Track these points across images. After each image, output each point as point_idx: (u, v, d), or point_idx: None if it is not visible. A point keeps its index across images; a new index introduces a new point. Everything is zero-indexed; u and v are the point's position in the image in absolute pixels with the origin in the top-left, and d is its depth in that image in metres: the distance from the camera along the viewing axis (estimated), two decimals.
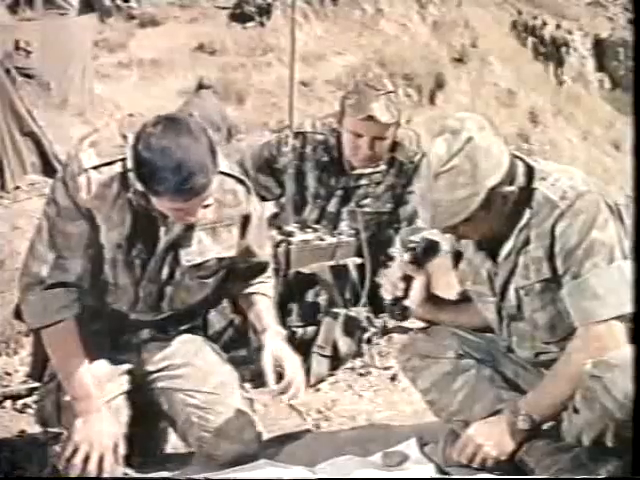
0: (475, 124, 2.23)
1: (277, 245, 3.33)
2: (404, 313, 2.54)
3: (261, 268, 2.68)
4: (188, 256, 2.45)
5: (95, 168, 2.33)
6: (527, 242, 2.29)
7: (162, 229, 2.40)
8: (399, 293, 2.51)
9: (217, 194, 2.38)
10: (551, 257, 2.25)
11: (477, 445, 2.30)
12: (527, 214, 2.27)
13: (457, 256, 2.49)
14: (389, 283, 2.53)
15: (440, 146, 2.22)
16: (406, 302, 2.51)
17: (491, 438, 2.30)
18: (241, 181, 2.52)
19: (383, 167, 3.61)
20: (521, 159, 2.33)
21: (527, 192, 2.27)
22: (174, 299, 2.52)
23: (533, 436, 2.30)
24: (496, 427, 2.32)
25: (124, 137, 2.36)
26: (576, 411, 2.20)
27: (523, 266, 2.31)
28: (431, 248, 2.53)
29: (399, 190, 3.60)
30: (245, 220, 2.53)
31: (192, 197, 2.22)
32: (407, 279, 2.51)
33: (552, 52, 16.13)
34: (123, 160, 2.33)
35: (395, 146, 3.62)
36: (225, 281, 2.62)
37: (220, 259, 2.51)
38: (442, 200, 2.21)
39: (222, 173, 2.39)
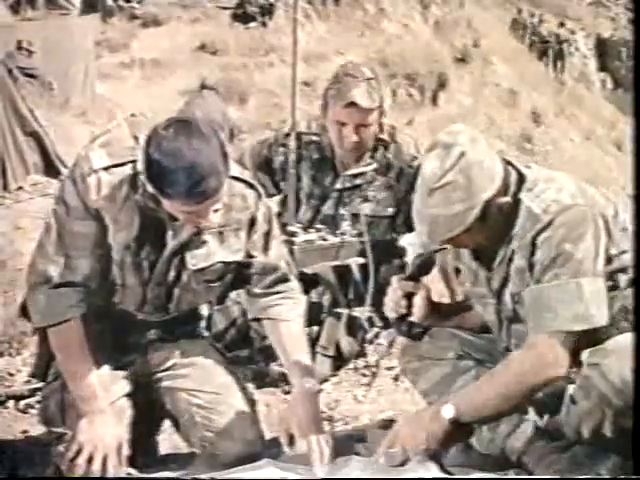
0: (467, 138, 2.22)
1: None
2: (412, 330, 2.54)
3: (274, 277, 2.60)
4: (194, 260, 2.45)
5: (105, 169, 2.33)
6: (514, 251, 2.29)
7: (170, 232, 2.40)
8: (403, 311, 2.51)
9: (225, 198, 2.37)
10: (531, 268, 2.25)
11: (396, 437, 2.29)
12: (517, 223, 2.27)
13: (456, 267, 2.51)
14: (391, 302, 2.52)
15: (433, 162, 2.21)
16: (411, 318, 2.51)
17: (410, 429, 2.28)
18: (251, 185, 2.51)
19: (375, 166, 3.62)
20: (514, 166, 2.33)
21: (515, 201, 2.27)
22: (181, 301, 2.53)
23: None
24: (419, 418, 2.30)
25: (135, 138, 2.36)
26: (574, 402, 2.21)
27: (513, 274, 2.31)
28: (425, 263, 2.54)
29: (401, 195, 3.59)
30: (252, 224, 2.53)
31: (204, 200, 2.21)
32: (408, 296, 2.51)
33: (554, 52, 16.13)
34: (133, 162, 2.33)
35: (388, 146, 3.62)
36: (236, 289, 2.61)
37: (227, 263, 2.50)
38: (438, 215, 2.20)
39: (231, 177, 2.38)
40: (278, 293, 2.59)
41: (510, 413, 2.30)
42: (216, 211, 2.30)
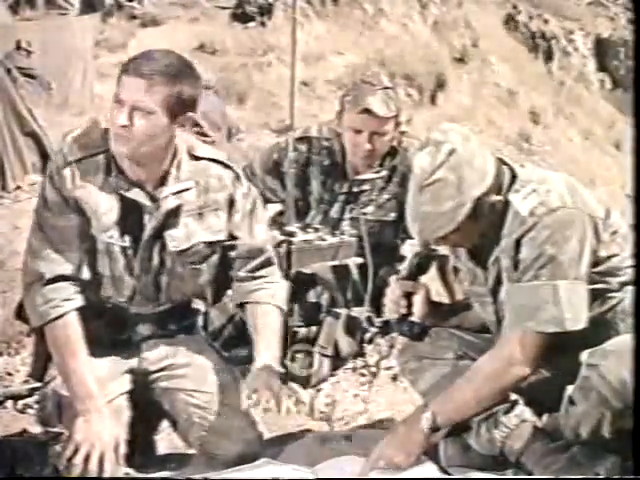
0: (459, 136, 2.24)
1: (278, 245, 3.34)
2: (412, 330, 2.54)
3: (260, 261, 2.60)
4: (174, 242, 2.47)
5: (79, 161, 2.39)
6: (502, 251, 2.30)
7: (146, 216, 2.43)
8: (403, 310, 2.51)
9: (201, 179, 2.45)
10: (516, 267, 2.26)
11: (380, 457, 2.33)
12: (505, 224, 2.28)
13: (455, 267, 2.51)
14: (391, 302, 2.53)
15: (424, 159, 2.23)
16: (412, 318, 2.51)
17: (392, 448, 2.32)
18: (228, 167, 2.54)
19: (384, 173, 3.62)
20: (508, 165, 2.33)
21: (506, 201, 2.28)
22: (170, 288, 2.53)
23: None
24: (397, 435, 2.35)
25: (107, 130, 2.40)
26: (572, 402, 2.22)
27: (503, 274, 2.32)
28: (423, 263, 2.55)
29: (403, 199, 3.59)
30: (231, 205, 2.53)
31: (142, 77, 2.31)
32: (407, 295, 2.51)
33: (553, 52, 16.13)
34: (106, 151, 2.39)
35: (397, 153, 3.63)
36: (224, 275, 2.60)
37: (209, 243, 2.51)
38: (429, 213, 2.22)
39: (207, 159, 2.47)
40: (262, 277, 2.60)
41: (484, 412, 2.33)
42: (186, 190, 2.40)
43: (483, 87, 14.28)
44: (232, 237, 2.56)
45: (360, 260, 3.47)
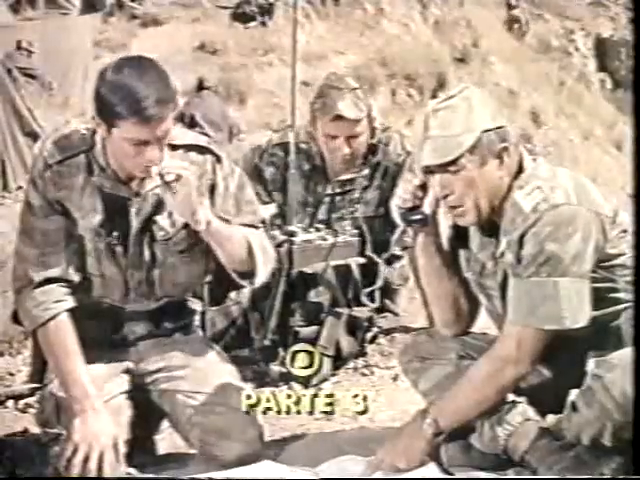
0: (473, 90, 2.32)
1: (280, 245, 3.35)
2: (423, 219, 2.41)
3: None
4: (162, 231, 2.46)
5: (59, 162, 2.40)
6: (507, 246, 2.29)
7: (132, 210, 2.43)
8: (417, 202, 2.41)
9: (179, 170, 2.38)
10: (519, 264, 2.25)
11: (382, 462, 2.33)
12: (507, 217, 2.27)
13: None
14: (407, 192, 2.44)
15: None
16: (423, 209, 2.40)
17: (394, 453, 2.33)
18: (208, 150, 2.51)
19: (367, 172, 3.63)
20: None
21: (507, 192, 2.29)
22: (164, 282, 2.52)
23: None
24: (399, 440, 2.35)
25: (87, 129, 2.41)
26: (575, 409, 2.21)
27: (507, 269, 2.31)
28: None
29: (387, 193, 3.58)
30: (212, 189, 2.50)
31: (152, 120, 2.24)
32: (423, 188, 2.40)
33: (554, 52, 16.14)
34: (87, 151, 2.41)
35: (377, 149, 3.63)
36: (224, 275, 2.58)
37: (193, 230, 2.46)
38: (438, 137, 2.23)
39: (185, 146, 2.45)
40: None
41: (487, 413, 2.32)
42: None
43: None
44: (223, 221, 2.50)
45: (362, 260, 3.47)
